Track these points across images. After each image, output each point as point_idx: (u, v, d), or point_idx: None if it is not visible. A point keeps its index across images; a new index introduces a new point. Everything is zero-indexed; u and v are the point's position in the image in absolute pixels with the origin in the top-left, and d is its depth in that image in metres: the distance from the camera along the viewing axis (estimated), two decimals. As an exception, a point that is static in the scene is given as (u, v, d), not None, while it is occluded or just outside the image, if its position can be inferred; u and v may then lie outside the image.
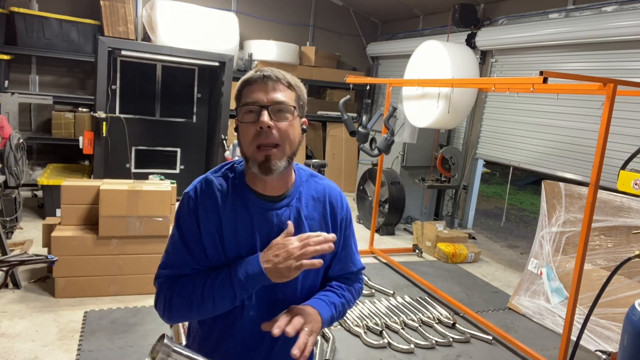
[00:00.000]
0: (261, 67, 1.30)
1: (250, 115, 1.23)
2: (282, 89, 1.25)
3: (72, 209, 3.76)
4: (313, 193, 1.38)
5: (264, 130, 1.21)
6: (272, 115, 1.22)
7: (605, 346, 3.50)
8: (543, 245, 4.26)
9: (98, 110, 5.37)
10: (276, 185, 1.31)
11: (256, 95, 1.23)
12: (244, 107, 1.25)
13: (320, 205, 1.38)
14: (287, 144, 1.24)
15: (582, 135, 4.99)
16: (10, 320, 3.28)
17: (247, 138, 1.24)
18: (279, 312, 1.27)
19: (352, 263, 1.48)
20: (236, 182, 1.32)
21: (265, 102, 1.22)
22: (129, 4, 6.43)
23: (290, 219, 1.32)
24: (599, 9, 4.96)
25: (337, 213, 1.41)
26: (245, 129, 1.24)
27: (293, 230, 1.27)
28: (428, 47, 5.25)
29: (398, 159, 6.58)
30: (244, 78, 1.29)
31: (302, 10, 8.40)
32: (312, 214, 1.36)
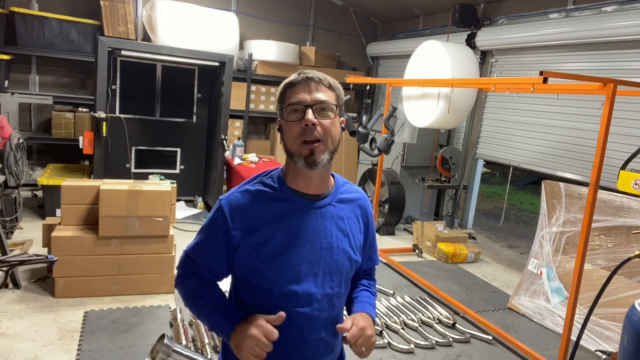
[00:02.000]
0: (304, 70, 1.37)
1: (295, 114, 1.30)
2: (324, 90, 1.32)
3: (72, 209, 3.76)
4: (349, 196, 1.47)
5: (309, 128, 1.28)
6: (315, 114, 1.29)
7: (605, 346, 3.50)
8: (543, 245, 4.26)
9: (98, 110, 5.36)
10: (318, 184, 1.37)
11: (300, 96, 1.30)
12: (289, 107, 1.31)
13: (356, 207, 1.47)
14: (329, 140, 1.31)
15: (582, 135, 4.99)
16: (10, 320, 3.28)
17: (293, 135, 1.30)
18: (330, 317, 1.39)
19: (375, 258, 1.63)
20: (275, 185, 1.38)
21: (310, 102, 1.29)
22: (129, 4, 6.43)
23: (334, 217, 1.39)
24: (599, 9, 4.96)
25: (368, 215, 1.51)
26: (291, 127, 1.30)
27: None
28: (428, 47, 5.25)
29: (398, 159, 6.58)
30: (286, 81, 1.34)
31: (302, 10, 8.40)
32: (350, 215, 1.44)
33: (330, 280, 1.37)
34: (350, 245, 1.41)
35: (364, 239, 1.49)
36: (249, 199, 1.35)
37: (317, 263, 1.35)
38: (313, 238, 1.35)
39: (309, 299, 1.35)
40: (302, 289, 1.33)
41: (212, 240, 1.37)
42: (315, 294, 1.35)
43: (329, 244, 1.37)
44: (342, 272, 1.40)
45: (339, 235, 1.39)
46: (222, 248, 1.35)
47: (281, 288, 1.33)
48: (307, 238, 1.34)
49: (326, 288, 1.37)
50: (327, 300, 1.38)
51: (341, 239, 1.39)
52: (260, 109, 7.82)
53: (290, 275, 1.33)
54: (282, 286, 1.33)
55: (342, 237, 1.40)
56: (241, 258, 1.34)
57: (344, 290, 1.44)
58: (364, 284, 1.57)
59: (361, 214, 1.48)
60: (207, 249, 1.38)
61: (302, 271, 1.33)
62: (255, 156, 6.52)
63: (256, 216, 1.33)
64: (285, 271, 1.32)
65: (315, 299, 1.35)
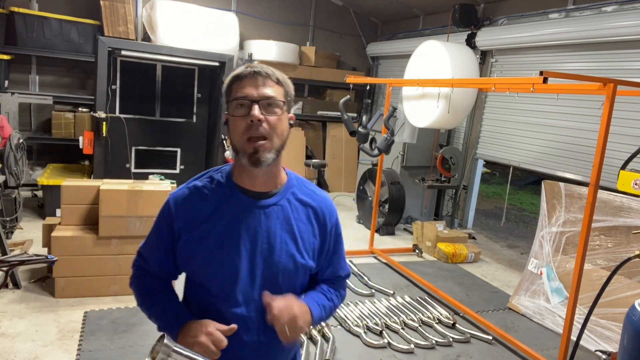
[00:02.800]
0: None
1: (241, 109, 1.27)
2: (272, 84, 1.28)
3: (72, 209, 3.76)
4: (304, 197, 1.40)
5: (254, 124, 1.25)
6: (262, 110, 1.26)
7: (605, 346, 3.50)
8: (543, 245, 4.26)
9: (98, 110, 5.37)
10: (264, 181, 1.34)
11: (247, 90, 1.27)
12: (234, 102, 1.28)
13: (309, 210, 1.40)
14: (275, 137, 1.28)
15: (582, 135, 4.99)
16: (10, 320, 3.28)
17: (238, 131, 1.27)
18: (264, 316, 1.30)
19: (341, 268, 1.52)
20: (222, 181, 1.36)
21: (256, 97, 1.26)
22: (129, 4, 6.43)
23: (279, 218, 1.34)
24: (599, 9, 4.96)
25: (326, 220, 1.43)
26: (236, 122, 1.27)
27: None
28: (428, 47, 5.25)
29: (398, 159, 6.58)
30: (233, 73, 1.31)
31: (302, 10, 8.40)
32: (301, 217, 1.38)
33: (270, 282, 1.33)
34: (297, 249, 1.35)
35: (320, 243, 1.41)
36: (194, 194, 1.34)
37: (256, 263, 1.31)
38: (254, 238, 1.31)
39: (246, 300, 1.31)
40: (238, 289, 1.31)
41: (159, 234, 1.37)
42: (252, 295, 1.32)
43: (270, 245, 1.32)
44: (283, 275, 1.34)
45: (284, 237, 1.33)
46: (168, 241, 1.35)
47: (217, 286, 1.32)
48: (247, 237, 1.31)
49: (265, 289, 1.32)
50: None
51: (286, 241, 1.33)
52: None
53: (227, 274, 1.30)
54: (218, 284, 1.31)
55: (288, 238, 1.34)
56: (181, 252, 1.33)
57: (288, 291, 1.36)
58: (322, 288, 1.48)
59: (316, 216, 1.40)
60: (155, 243, 1.39)
61: (239, 270, 1.30)
62: (255, 156, 6.51)
63: (199, 211, 1.32)
64: (221, 269, 1.30)
65: (252, 300, 1.32)
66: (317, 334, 3.37)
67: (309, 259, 1.38)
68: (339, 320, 3.69)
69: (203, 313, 1.34)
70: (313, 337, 3.36)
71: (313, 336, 3.36)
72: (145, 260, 1.42)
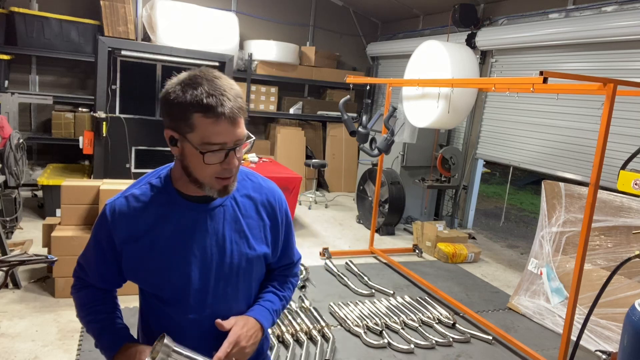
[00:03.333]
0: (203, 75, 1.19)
1: (214, 155, 1.15)
2: (240, 119, 1.17)
3: (72, 209, 3.76)
4: (250, 192, 1.36)
5: (228, 169, 1.19)
6: (236, 153, 1.19)
7: (605, 346, 3.50)
8: (543, 245, 4.26)
9: (98, 110, 5.37)
10: None
11: (222, 137, 1.14)
12: (206, 146, 1.14)
13: (256, 203, 1.36)
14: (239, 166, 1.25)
15: (582, 135, 4.99)
16: (10, 320, 3.28)
17: (207, 173, 1.18)
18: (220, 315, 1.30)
19: (292, 254, 1.52)
20: (162, 189, 1.28)
21: (232, 145, 1.16)
22: (129, 4, 6.43)
23: (226, 218, 1.30)
24: (599, 9, 4.96)
25: (276, 210, 1.40)
26: (206, 165, 1.17)
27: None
28: (428, 47, 5.25)
29: (398, 159, 6.58)
30: (199, 101, 1.12)
31: (302, 10, 8.40)
32: (249, 212, 1.35)
33: (225, 285, 1.30)
34: (248, 245, 1.33)
35: (272, 235, 1.39)
36: (133, 204, 1.27)
37: (208, 267, 1.28)
38: (202, 242, 1.27)
39: (201, 305, 1.29)
40: (192, 295, 1.28)
41: (97, 245, 1.31)
42: (207, 299, 1.29)
43: (220, 247, 1.29)
44: (237, 274, 1.32)
45: (234, 237, 1.31)
46: (109, 254, 1.30)
47: (169, 294, 1.28)
48: (196, 242, 1.26)
49: (218, 293, 1.30)
50: (222, 305, 1.32)
51: (236, 241, 1.31)
52: (260, 109, 7.82)
53: (178, 282, 1.27)
54: (170, 293, 1.28)
55: (238, 238, 1.31)
56: (128, 265, 1.29)
57: (244, 291, 1.37)
58: (274, 286, 1.46)
59: (265, 209, 1.37)
60: (94, 256, 1.34)
61: (191, 277, 1.27)
62: (255, 156, 6.52)
63: (140, 221, 1.26)
64: (172, 277, 1.26)
65: (208, 305, 1.30)
66: (317, 334, 3.37)
67: (262, 247, 1.36)
68: (339, 320, 3.69)
69: (158, 320, 1.34)
70: (313, 337, 3.36)
71: (313, 336, 3.36)
72: (85, 271, 1.38)
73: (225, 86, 1.16)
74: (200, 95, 1.12)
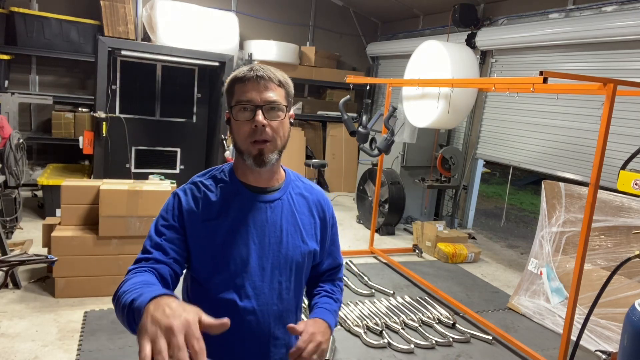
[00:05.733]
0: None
1: (244, 113, 1.29)
2: (274, 88, 1.31)
3: (72, 209, 3.76)
4: (302, 191, 1.46)
5: (258, 129, 1.28)
6: (265, 114, 1.28)
7: (605, 346, 3.50)
8: (543, 245, 4.26)
9: (98, 110, 5.37)
10: (267, 178, 1.39)
11: (250, 95, 1.28)
12: (238, 105, 1.30)
13: (309, 202, 1.46)
14: (278, 139, 1.32)
15: (582, 135, 4.99)
16: (10, 320, 3.28)
17: (242, 134, 1.30)
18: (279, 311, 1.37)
19: (338, 256, 1.59)
20: (226, 179, 1.39)
21: (260, 102, 1.28)
22: (129, 4, 6.43)
23: (284, 211, 1.39)
24: (599, 9, 4.96)
25: (325, 211, 1.50)
26: (240, 126, 1.30)
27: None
28: (428, 47, 5.25)
29: (398, 159, 6.58)
30: (236, 75, 1.33)
31: (302, 10, 8.40)
32: (303, 210, 1.44)
33: (278, 274, 1.37)
34: (302, 240, 1.41)
35: (320, 234, 1.48)
36: (203, 189, 1.36)
37: (265, 256, 1.35)
38: (262, 231, 1.35)
39: (256, 293, 1.34)
40: (248, 282, 1.34)
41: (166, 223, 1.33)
42: (262, 287, 1.35)
43: (277, 238, 1.37)
44: (291, 266, 1.39)
45: (290, 229, 1.39)
46: (176, 230, 1.32)
47: (228, 280, 1.33)
48: (255, 231, 1.35)
49: (274, 282, 1.37)
50: (275, 294, 1.37)
51: (291, 233, 1.39)
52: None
53: (238, 265, 1.33)
54: (229, 278, 1.33)
55: (293, 231, 1.39)
56: (194, 248, 1.33)
57: (295, 285, 1.43)
58: (327, 290, 1.54)
59: (316, 209, 1.47)
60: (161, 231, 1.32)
61: (250, 262, 1.33)
62: (255, 156, 6.51)
63: (207, 207, 1.34)
64: (233, 261, 1.33)
65: (262, 293, 1.35)
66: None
67: (313, 243, 1.44)
68: (339, 320, 3.69)
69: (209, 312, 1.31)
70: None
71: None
72: (147, 251, 1.29)
73: (264, 65, 1.34)
74: (240, 71, 1.33)
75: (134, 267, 1.27)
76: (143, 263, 1.27)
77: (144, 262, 1.27)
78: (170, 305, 0.92)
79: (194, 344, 0.86)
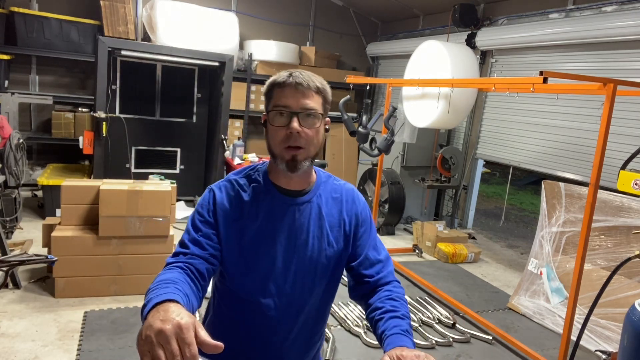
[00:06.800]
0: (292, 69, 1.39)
1: (280, 118, 1.31)
2: (312, 95, 1.33)
3: (72, 209, 3.76)
4: (332, 193, 1.48)
5: (293, 135, 1.30)
6: (301, 121, 1.30)
7: (605, 346, 3.50)
8: (543, 245, 4.26)
9: (98, 110, 5.37)
10: (298, 181, 1.41)
11: (287, 100, 1.31)
12: (275, 110, 1.32)
13: (338, 203, 1.47)
14: (311, 147, 1.35)
15: (582, 135, 4.99)
16: (10, 320, 3.28)
17: (277, 139, 1.32)
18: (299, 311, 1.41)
19: (378, 250, 1.50)
20: (260, 179, 1.41)
21: (296, 109, 1.30)
22: (129, 4, 6.42)
23: (312, 215, 1.41)
24: (599, 9, 4.96)
25: (357, 206, 1.49)
26: (276, 131, 1.32)
27: None
28: (428, 47, 5.25)
29: (398, 159, 6.58)
30: (276, 79, 1.35)
31: (302, 10, 8.40)
32: (332, 211, 1.45)
33: (302, 276, 1.40)
34: (328, 243, 1.42)
35: (352, 232, 1.46)
36: (236, 187, 1.39)
37: (290, 257, 1.38)
38: (289, 234, 1.38)
39: (279, 292, 1.38)
40: (273, 280, 1.37)
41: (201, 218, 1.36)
42: (285, 287, 1.38)
43: (304, 240, 1.39)
44: (316, 270, 1.41)
45: (316, 233, 1.41)
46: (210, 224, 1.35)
47: (254, 279, 1.37)
48: (282, 233, 1.37)
49: (297, 284, 1.39)
50: (298, 297, 1.40)
51: (318, 237, 1.41)
52: (261, 109, 7.81)
53: (264, 264, 1.36)
54: (255, 277, 1.37)
55: (320, 234, 1.41)
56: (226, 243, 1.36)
57: (320, 289, 1.44)
58: (388, 309, 1.35)
59: (346, 208, 1.47)
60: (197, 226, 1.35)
61: (276, 261, 1.37)
62: (255, 156, 6.52)
63: (240, 204, 1.37)
64: (260, 259, 1.36)
65: (285, 293, 1.38)
66: (317, 334, 3.37)
67: (340, 245, 1.44)
68: (339, 320, 3.69)
69: (232, 307, 1.40)
70: (313, 337, 3.36)
71: (313, 336, 3.36)
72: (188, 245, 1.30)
73: (303, 71, 1.36)
74: (279, 76, 1.36)
75: (172, 260, 1.30)
76: (181, 257, 1.30)
77: (182, 255, 1.30)
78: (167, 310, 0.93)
79: (185, 350, 0.86)
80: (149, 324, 0.90)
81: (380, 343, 1.30)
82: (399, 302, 1.40)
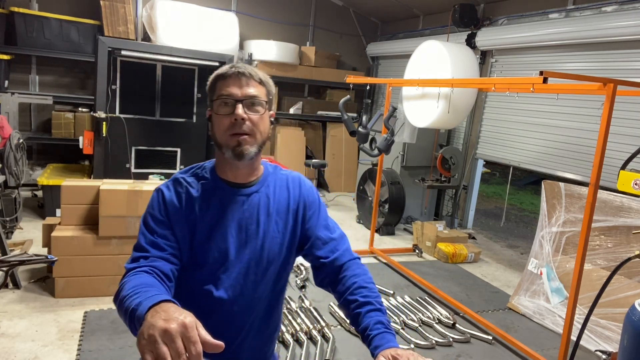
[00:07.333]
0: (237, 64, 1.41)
1: (225, 107, 1.35)
2: (254, 85, 1.37)
3: (72, 209, 3.76)
4: (279, 182, 1.51)
5: (238, 122, 1.33)
6: (245, 108, 1.34)
7: (605, 346, 3.50)
8: (543, 245, 4.26)
9: (98, 110, 5.37)
10: (245, 173, 1.44)
11: (231, 89, 1.35)
12: (218, 100, 1.36)
13: (285, 190, 1.50)
14: (257, 134, 1.37)
15: (582, 135, 4.99)
16: (10, 320, 3.28)
17: (222, 128, 1.35)
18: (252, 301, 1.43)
19: (327, 230, 1.52)
20: (207, 176, 1.44)
21: (240, 96, 1.34)
22: (129, 4, 6.43)
23: (260, 204, 1.44)
24: (599, 9, 4.96)
25: (303, 192, 1.53)
26: (221, 120, 1.36)
27: None
28: (428, 47, 5.25)
29: (398, 159, 6.58)
30: (218, 72, 1.40)
31: (302, 10, 8.40)
32: (279, 199, 1.48)
33: (255, 265, 1.42)
34: (277, 230, 1.45)
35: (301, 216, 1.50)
36: (182, 188, 1.41)
37: (243, 246, 1.41)
38: (239, 225, 1.41)
39: (233, 284, 1.40)
40: (225, 274, 1.39)
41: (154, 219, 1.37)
42: (239, 277, 1.40)
43: (254, 231, 1.42)
44: (268, 258, 1.43)
45: (266, 221, 1.44)
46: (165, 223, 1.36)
47: (207, 272, 1.39)
48: (234, 221, 1.40)
49: (250, 274, 1.42)
50: (251, 286, 1.42)
51: (267, 225, 1.44)
52: (260, 109, 7.81)
53: (218, 255, 1.38)
54: (208, 271, 1.39)
55: (270, 222, 1.44)
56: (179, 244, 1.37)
57: (271, 279, 1.46)
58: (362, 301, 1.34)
59: (293, 194, 1.50)
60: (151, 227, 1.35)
61: (229, 251, 1.39)
62: (255, 156, 6.52)
63: (188, 204, 1.38)
64: (213, 250, 1.38)
65: (238, 283, 1.40)
66: (317, 334, 3.37)
67: (289, 232, 1.47)
68: (339, 320, 3.69)
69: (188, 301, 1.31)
70: (313, 337, 3.36)
71: (313, 336, 3.36)
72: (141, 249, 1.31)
73: (246, 65, 1.40)
74: (222, 69, 1.40)
75: (133, 265, 1.27)
76: (142, 261, 1.28)
77: (142, 260, 1.29)
78: (167, 310, 0.93)
79: (191, 349, 0.86)
80: (150, 323, 0.89)
81: (363, 340, 1.31)
82: (368, 288, 1.39)
